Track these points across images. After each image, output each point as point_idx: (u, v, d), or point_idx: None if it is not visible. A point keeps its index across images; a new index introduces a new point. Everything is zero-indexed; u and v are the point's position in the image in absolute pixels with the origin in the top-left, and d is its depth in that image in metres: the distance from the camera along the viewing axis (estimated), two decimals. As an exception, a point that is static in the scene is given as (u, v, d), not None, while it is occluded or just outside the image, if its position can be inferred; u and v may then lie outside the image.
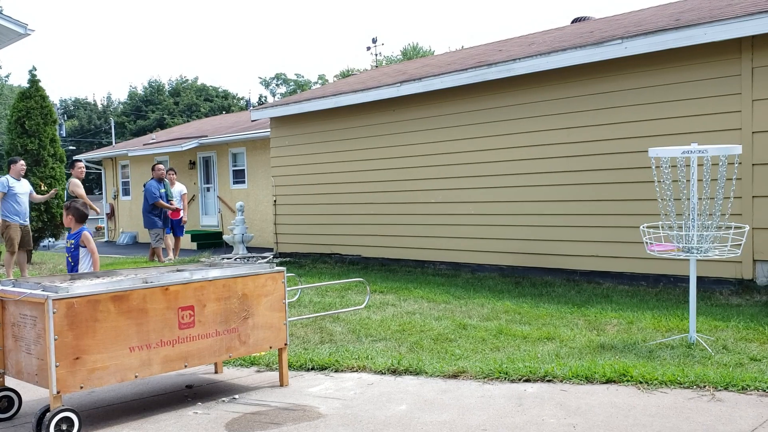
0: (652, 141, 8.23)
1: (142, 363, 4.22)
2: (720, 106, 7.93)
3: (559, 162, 9.35)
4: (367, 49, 43.24)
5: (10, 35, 14.57)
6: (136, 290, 4.21)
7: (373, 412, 4.35)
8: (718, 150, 5.63)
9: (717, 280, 7.98)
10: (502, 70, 9.66)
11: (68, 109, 64.13)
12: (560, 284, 8.95)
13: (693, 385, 4.55)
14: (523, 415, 4.18)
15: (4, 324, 4.28)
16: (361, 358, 5.54)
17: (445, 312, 7.51)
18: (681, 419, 3.99)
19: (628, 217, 8.58)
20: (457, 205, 10.59)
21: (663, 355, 5.35)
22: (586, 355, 5.47)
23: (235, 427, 4.16)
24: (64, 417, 3.93)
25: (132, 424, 4.29)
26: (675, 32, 8.04)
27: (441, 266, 10.90)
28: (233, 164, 19.62)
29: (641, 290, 8.28)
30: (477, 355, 5.64)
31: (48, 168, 14.29)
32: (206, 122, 28.30)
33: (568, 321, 6.82)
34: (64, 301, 3.89)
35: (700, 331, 5.99)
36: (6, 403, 4.44)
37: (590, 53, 8.77)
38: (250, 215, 17.89)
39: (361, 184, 12.11)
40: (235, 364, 5.67)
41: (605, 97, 8.89)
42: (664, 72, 8.39)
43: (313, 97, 13.07)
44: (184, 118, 53.55)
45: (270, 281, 4.93)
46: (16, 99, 14.71)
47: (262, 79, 69.92)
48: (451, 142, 10.64)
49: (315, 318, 7.14)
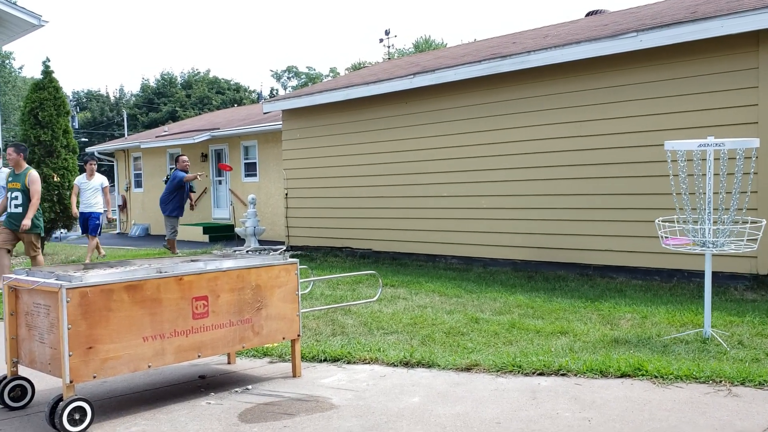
0: (667, 134, 8.15)
1: (155, 353, 4.22)
2: (736, 100, 7.84)
3: (572, 155, 9.28)
4: (379, 41, 43.10)
5: (24, 26, 14.64)
6: (149, 280, 4.20)
7: (386, 403, 4.34)
8: (735, 143, 5.56)
9: (732, 275, 7.91)
10: (516, 62, 9.60)
11: (81, 101, 64.41)
12: (573, 279, 8.90)
13: (709, 380, 4.50)
14: (538, 408, 4.15)
15: (17, 313, 4.29)
16: (374, 351, 5.52)
17: (457, 306, 7.49)
18: (697, 414, 3.95)
19: (643, 212, 8.52)
20: (469, 198, 10.54)
21: (678, 350, 5.30)
22: (600, 349, 5.43)
23: (248, 417, 4.16)
24: (77, 406, 3.93)
25: (145, 414, 4.29)
26: (691, 25, 7.95)
27: (452, 260, 10.87)
28: (245, 157, 19.64)
29: (655, 285, 8.22)
30: (490, 348, 5.61)
31: (61, 159, 14.32)
32: (218, 115, 28.35)
33: (582, 315, 6.78)
34: (77, 290, 3.89)
35: (715, 326, 5.93)
36: (19, 392, 4.46)
37: (605, 46, 8.69)
38: (261, 208, 17.91)
39: (372, 178, 12.08)
40: (248, 354, 5.67)
41: (620, 90, 8.81)
42: (679, 65, 8.30)
43: (326, 89, 13.04)
44: (196, 111, 53.69)
45: (283, 272, 4.92)
46: (30, 90, 14.75)
47: (274, 72, 69.98)
48: (463, 135, 10.59)
49: (327, 310, 7.13)
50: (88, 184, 12.33)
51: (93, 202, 12.31)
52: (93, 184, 12.38)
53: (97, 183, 12.39)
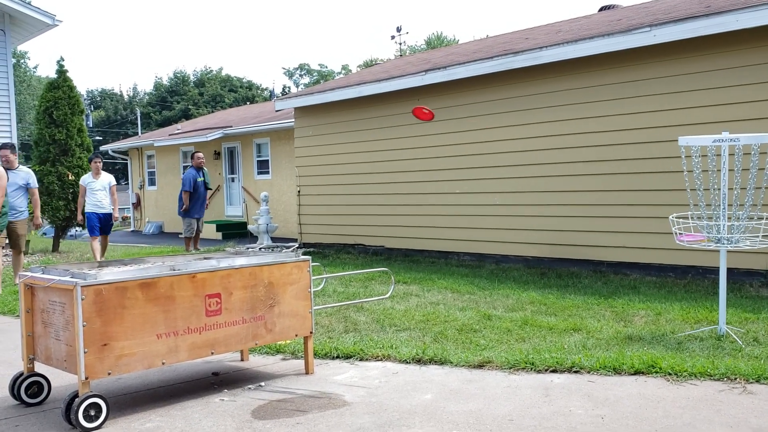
0: (681, 130, 8.08)
1: (169, 350, 4.25)
2: (752, 95, 7.76)
3: (585, 151, 9.23)
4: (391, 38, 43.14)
5: (39, 26, 14.76)
6: (163, 277, 4.23)
7: (399, 400, 4.34)
8: (750, 139, 5.51)
9: (747, 271, 7.84)
10: (529, 58, 9.56)
11: (95, 99, 64.84)
12: (587, 275, 8.86)
13: (723, 377, 4.47)
14: (550, 405, 4.14)
15: (33, 310, 4.33)
16: (386, 348, 5.53)
17: (470, 303, 7.47)
18: (712, 411, 3.93)
19: (656, 208, 8.46)
20: (481, 195, 10.52)
21: (692, 347, 5.27)
22: (613, 346, 5.40)
23: (261, 414, 4.18)
24: (92, 403, 3.97)
25: (159, 410, 4.32)
26: (705, 19, 7.88)
27: (465, 257, 10.85)
28: (257, 155, 19.70)
29: (669, 281, 8.17)
30: (502, 345, 5.60)
31: (75, 158, 14.46)
32: (231, 113, 28.44)
33: (595, 312, 6.75)
34: (92, 288, 3.92)
35: (730, 323, 5.89)
36: (36, 388, 4.50)
37: (618, 41, 8.63)
38: (273, 205, 17.96)
39: (385, 174, 12.08)
40: (260, 351, 5.69)
41: (633, 85, 8.75)
42: (694, 60, 8.24)
43: (337, 86, 13.05)
44: (208, 109, 53.90)
45: (296, 270, 4.93)
46: (44, 89, 14.90)
47: (286, 70, 70.16)
48: (475, 131, 10.56)
49: (339, 307, 7.14)
50: (96, 183, 11.40)
51: (106, 203, 11.42)
52: (102, 183, 11.48)
53: (105, 182, 11.52)
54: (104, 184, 11.51)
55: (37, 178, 10.56)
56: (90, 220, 11.36)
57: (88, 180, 11.46)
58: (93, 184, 11.39)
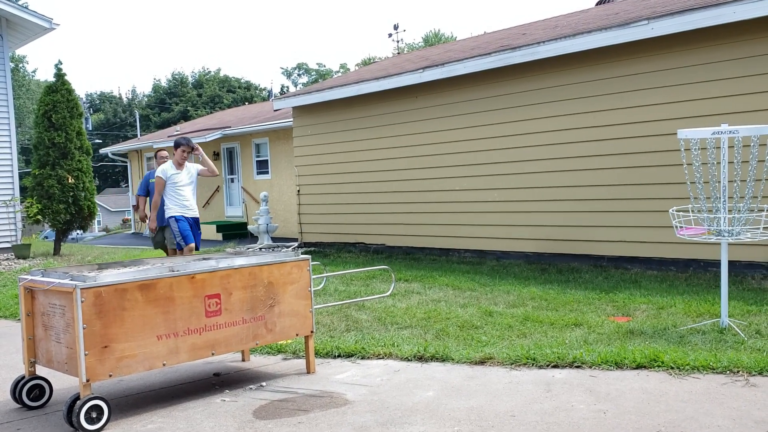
0: (680, 123, 8.07)
1: (169, 351, 4.24)
2: (751, 87, 7.74)
3: (583, 146, 9.21)
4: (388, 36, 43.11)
5: (36, 30, 14.75)
6: (162, 279, 4.22)
7: (400, 398, 4.33)
8: (750, 131, 5.49)
9: (749, 264, 7.83)
10: (526, 53, 9.54)
11: (94, 102, 64.85)
12: (587, 270, 8.84)
13: (726, 370, 4.46)
14: (552, 401, 4.13)
15: (34, 313, 4.32)
16: (387, 346, 5.52)
17: (471, 299, 7.47)
18: (714, 405, 3.92)
19: (656, 201, 8.44)
20: (481, 192, 10.51)
21: (694, 341, 5.26)
22: (615, 341, 5.39)
23: (263, 414, 4.17)
24: (94, 405, 3.97)
25: (161, 411, 4.32)
26: (703, 11, 7.86)
27: (466, 254, 10.84)
28: (256, 155, 19.68)
29: (670, 275, 8.16)
30: (504, 341, 5.59)
31: (75, 161, 14.43)
32: (229, 113, 28.42)
33: (596, 307, 6.74)
34: (92, 290, 3.91)
35: (732, 316, 5.88)
36: (37, 391, 4.50)
37: (616, 35, 8.61)
38: (273, 205, 17.94)
39: (384, 173, 12.07)
40: (261, 351, 5.69)
41: (632, 79, 8.73)
42: (692, 52, 8.21)
43: (336, 85, 13.03)
44: (207, 110, 53.89)
45: (295, 269, 4.93)
46: (43, 93, 14.87)
47: (284, 69, 70.11)
48: (474, 128, 10.55)
49: (340, 306, 7.13)
50: (180, 175, 8.30)
51: (194, 204, 8.49)
52: (189, 174, 8.43)
53: (194, 172, 8.47)
54: (192, 176, 8.45)
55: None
56: (179, 223, 8.29)
57: (170, 172, 8.29)
58: (176, 177, 8.28)
